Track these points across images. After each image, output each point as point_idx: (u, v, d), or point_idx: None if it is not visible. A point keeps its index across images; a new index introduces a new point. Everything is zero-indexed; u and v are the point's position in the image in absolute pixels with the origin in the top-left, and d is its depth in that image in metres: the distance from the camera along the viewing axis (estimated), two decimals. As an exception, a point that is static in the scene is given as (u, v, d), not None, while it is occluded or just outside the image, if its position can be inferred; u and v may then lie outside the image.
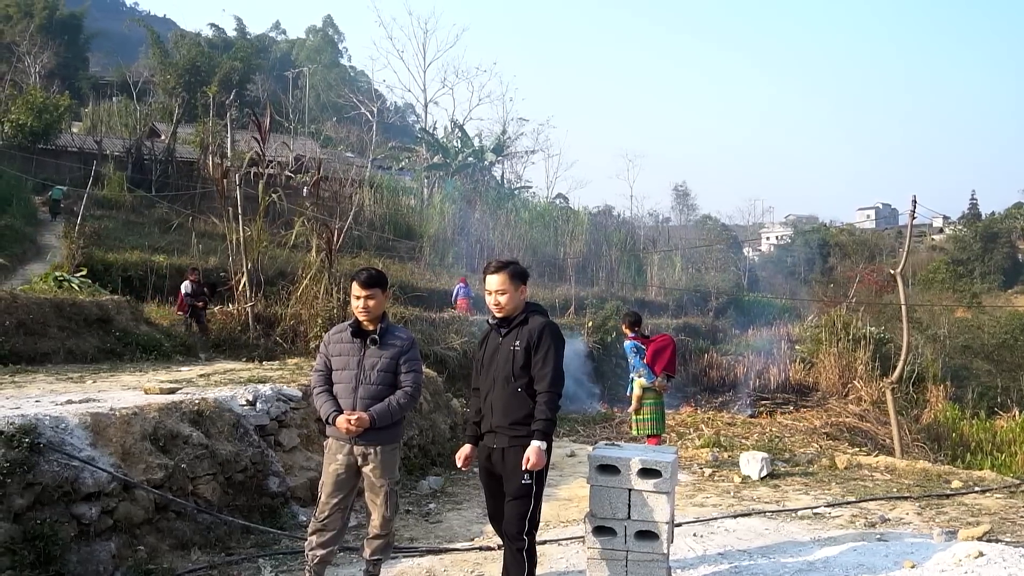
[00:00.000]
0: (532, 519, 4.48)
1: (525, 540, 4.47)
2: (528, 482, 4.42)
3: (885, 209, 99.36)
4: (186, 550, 5.74)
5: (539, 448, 4.36)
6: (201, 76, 50.63)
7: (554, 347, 4.49)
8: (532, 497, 4.45)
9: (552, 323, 4.64)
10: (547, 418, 4.40)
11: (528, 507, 4.45)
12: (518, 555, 4.49)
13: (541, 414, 4.41)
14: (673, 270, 44.01)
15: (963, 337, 34.03)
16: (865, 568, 5.32)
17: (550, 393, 4.42)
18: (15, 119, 32.38)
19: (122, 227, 25.95)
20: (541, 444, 4.37)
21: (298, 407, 7.79)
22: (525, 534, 4.46)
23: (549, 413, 4.40)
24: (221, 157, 25.92)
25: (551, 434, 4.46)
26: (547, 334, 4.52)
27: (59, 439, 5.29)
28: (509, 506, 4.51)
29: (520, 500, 4.46)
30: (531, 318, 4.62)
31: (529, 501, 4.45)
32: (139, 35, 65.86)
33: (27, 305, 10.30)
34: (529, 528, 4.48)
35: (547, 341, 4.50)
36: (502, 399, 4.57)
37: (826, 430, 17.04)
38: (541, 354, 4.49)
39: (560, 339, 4.58)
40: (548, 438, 4.42)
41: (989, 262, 66.16)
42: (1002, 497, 8.30)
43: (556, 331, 4.60)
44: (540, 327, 4.55)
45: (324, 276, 14.46)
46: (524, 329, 4.58)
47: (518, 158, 54.35)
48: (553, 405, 4.43)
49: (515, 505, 4.49)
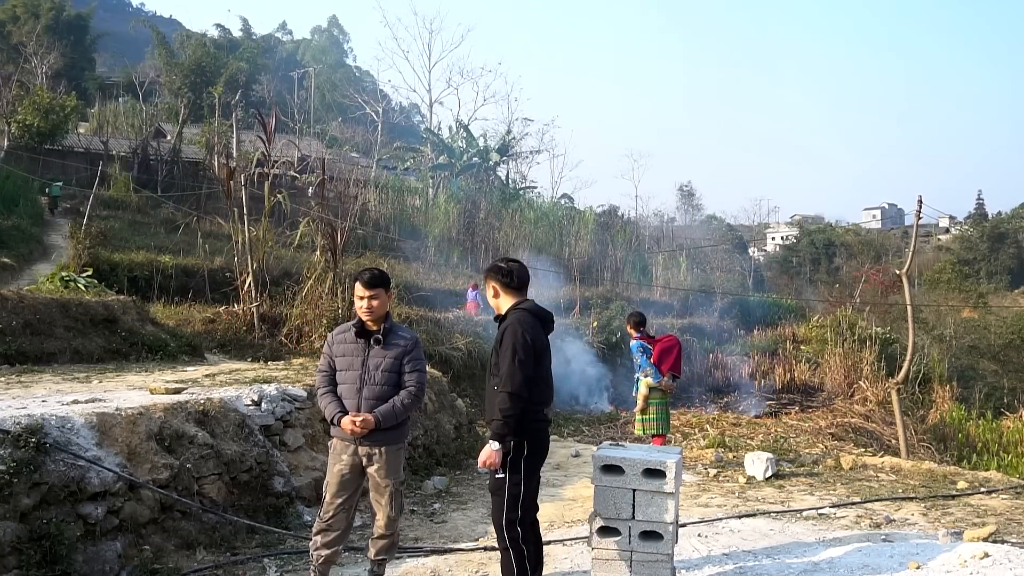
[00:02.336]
0: (509, 513, 4.49)
1: (505, 533, 4.50)
2: (501, 476, 4.48)
3: (891, 209, 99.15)
4: (191, 550, 5.76)
5: (488, 448, 4.42)
6: (207, 76, 50.74)
7: (515, 346, 4.44)
8: (506, 491, 4.48)
9: (523, 319, 4.55)
10: (497, 418, 4.41)
11: (501, 501, 4.50)
12: (504, 552, 4.55)
13: (493, 414, 4.45)
14: (678, 270, 43.93)
15: (969, 337, 33.95)
16: (870, 569, 5.32)
17: (504, 393, 4.39)
18: (22, 120, 32.46)
19: (128, 227, 26.01)
20: (492, 444, 4.40)
21: (303, 407, 7.81)
22: (504, 528, 4.50)
23: (498, 413, 4.40)
24: (227, 157, 25.92)
25: (505, 434, 4.39)
26: (509, 333, 4.51)
27: (65, 439, 5.31)
28: (491, 499, 4.64)
29: (495, 494, 4.57)
30: (508, 315, 4.63)
31: (502, 495, 4.50)
32: (145, 36, 66.05)
33: (33, 305, 10.32)
34: (507, 522, 4.49)
35: (507, 340, 4.50)
36: (487, 395, 4.67)
37: (831, 430, 17.04)
38: (502, 352, 4.50)
39: (525, 337, 4.47)
40: (501, 438, 4.40)
41: (996, 262, 65.94)
42: (1008, 498, 8.28)
43: (523, 328, 4.50)
44: (507, 326, 4.57)
45: (329, 276, 14.48)
46: (500, 327, 4.63)
47: (523, 158, 54.41)
48: (506, 405, 4.37)
49: (492, 499, 4.62)
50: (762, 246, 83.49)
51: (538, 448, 4.62)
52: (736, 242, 58.74)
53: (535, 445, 4.59)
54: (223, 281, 17.31)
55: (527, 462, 4.54)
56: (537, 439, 4.60)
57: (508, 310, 4.66)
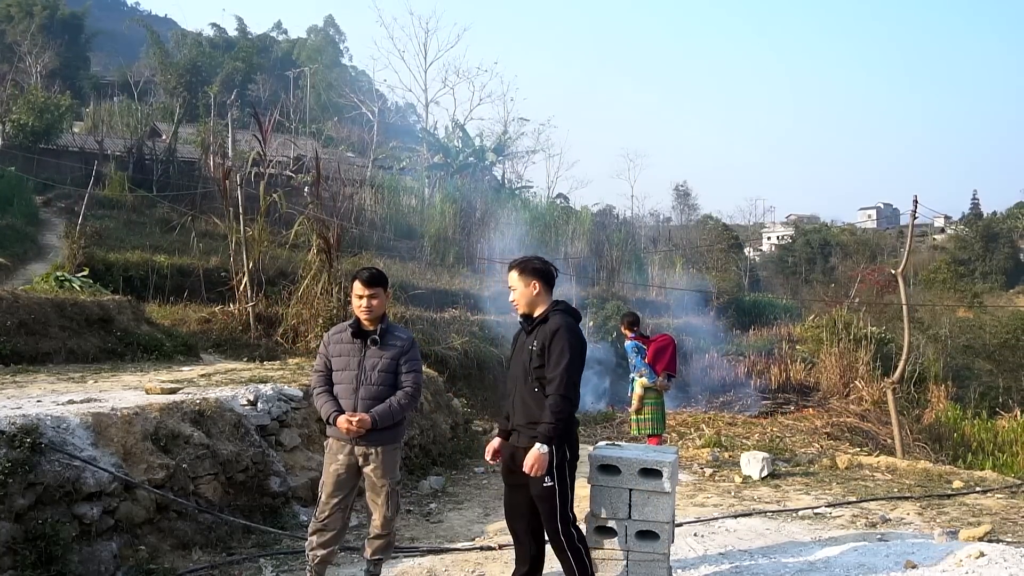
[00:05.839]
0: (563, 515, 4.50)
1: (562, 538, 4.49)
2: (550, 484, 4.43)
3: (887, 209, 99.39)
4: (187, 550, 5.75)
5: (538, 452, 4.36)
6: (202, 76, 50.64)
7: (568, 349, 4.43)
8: (556, 496, 4.46)
9: (570, 323, 4.57)
10: (550, 422, 4.37)
11: (553, 506, 4.48)
12: (561, 555, 4.54)
13: (546, 417, 4.39)
14: (674, 270, 43.93)
15: (964, 337, 34.01)
16: (866, 568, 5.32)
17: (558, 396, 4.38)
18: (16, 119, 32.34)
19: (123, 227, 25.91)
20: (542, 448, 4.36)
21: (299, 407, 7.80)
22: (561, 533, 4.49)
23: (552, 417, 4.37)
24: (223, 157, 25.89)
25: (554, 437, 4.40)
26: (561, 335, 4.47)
27: (60, 439, 5.29)
28: (539, 508, 4.56)
29: (543, 500, 4.50)
30: (552, 317, 4.58)
31: (553, 500, 4.47)
32: (140, 35, 65.79)
33: (28, 305, 10.29)
34: (562, 524, 4.49)
35: (560, 342, 4.45)
36: (521, 398, 4.60)
37: (827, 430, 17.05)
38: (554, 356, 4.45)
39: (577, 340, 4.51)
40: (551, 442, 4.38)
41: (990, 262, 66.05)
42: (1003, 497, 8.30)
43: (573, 332, 4.53)
44: (555, 328, 4.50)
45: (325, 276, 14.46)
46: (543, 329, 4.56)
47: (519, 158, 54.35)
48: (560, 408, 4.37)
49: (540, 506, 4.54)
50: (758, 246, 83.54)
51: (577, 449, 4.66)
52: (732, 242, 58.66)
53: (574, 447, 4.62)
54: (219, 281, 17.28)
55: (570, 464, 4.55)
56: (576, 441, 4.64)
57: (547, 310, 4.63)
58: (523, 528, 4.75)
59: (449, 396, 11.36)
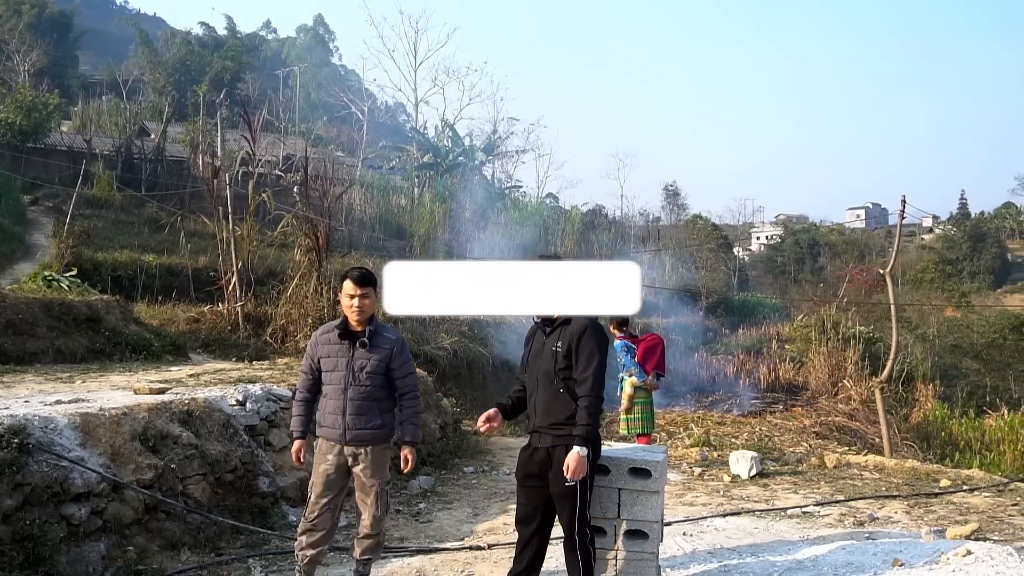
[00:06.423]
0: (581, 518, 4.52)
1: (577, 537, 4.51)
2: (572, 484, 4.44)
3: (875, 209, 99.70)
4: (176, 550, 5.73)
5: (579, 455, 4.36)
6: (191, 75, 50.38)
7: (597, 350, 4.46)
8: (578, 497, 4.48)
9: (596, 324, 4.58)
10: (588, 424, 4.39)
11: (575, 507, 4.49)
12: (571, 554, 4.55)
13: (582, 419, 4.40)
14: (663, 269, 43.98)
15: (952, 336, 34.23)
16: (854, 567, 5.34)
17: (591, 398, 4.41)
18: (3, 118, 32.09)
19: (111, 226, 25.79)
20: (582, 450, 4.36)
21: (288, 407, 7.75)
22: (577, 533, 4.51)
23: (589, 419, 4.39)
24: (211, 156, 25.76)
25: (592, 440, 4.43)
26: (589, 336, 4.48)
27: (48, 439, 5.27)
28: (558, 506, 4.57)
29: (565, 499, 4.50)
30: (575, 318, 4.56)
31: (575, 501, 4.48)
32: (129, 34, 65.48)
33: (16, 305, 10.24)
34: (580, 524, 4.51)
35: (589, 343, 4.46)
36: (544, 400, 4.58)
37: (815, 429, 17.11)
38: (584, 357, 4.45)
39: (604, 341, 4.54)
40: (589, 444, 4.40)
41: (978, 262, 66.35)
42: (990, 496, 8.35)
43: (599, 333, 4.54)
44: (582, 329, 4.50)
45: (314, 276, 14.42)
46: (567, 330, 4.55)
47: (508, 158, 54.22)
48: (594, 410, 4.40)
49: (561, 504, 4.54)
50: (747, 245, 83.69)
51: (600, 450, 4.69)
52: (721, 242, 58.75)
53: (599, 447, 4.66)
54: (207, 280, 17.21)
55: (593, 465, 4.56)
56: (599, 441, 4.67)
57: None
58: (532, 530, 4.72)
59: (438, 396, 11.34)
